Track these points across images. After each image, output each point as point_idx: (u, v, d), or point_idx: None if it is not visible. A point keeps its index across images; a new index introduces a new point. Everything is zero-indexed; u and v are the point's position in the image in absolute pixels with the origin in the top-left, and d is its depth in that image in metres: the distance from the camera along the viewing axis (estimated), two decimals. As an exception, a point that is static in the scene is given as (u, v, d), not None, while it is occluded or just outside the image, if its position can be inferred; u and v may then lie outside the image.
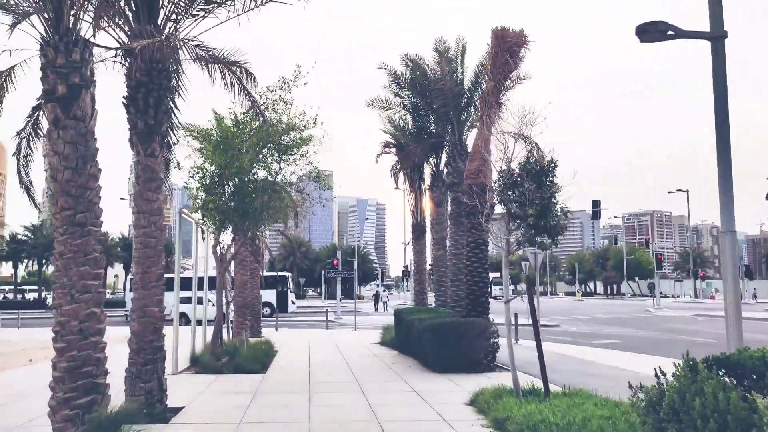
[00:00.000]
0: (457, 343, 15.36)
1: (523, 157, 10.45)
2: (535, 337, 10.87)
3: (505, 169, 10.54)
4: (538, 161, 10.08)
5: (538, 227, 9.95)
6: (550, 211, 9.82)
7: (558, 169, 10.11)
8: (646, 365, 18.30)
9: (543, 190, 9.79)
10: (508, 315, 10.92)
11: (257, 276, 28.39)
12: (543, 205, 9.75)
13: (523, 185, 9.91)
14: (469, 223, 16.57)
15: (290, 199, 17.49)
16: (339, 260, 49.03)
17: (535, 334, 10.84)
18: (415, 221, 24.83)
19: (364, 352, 20.86)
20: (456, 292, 19.10)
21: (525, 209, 9.82)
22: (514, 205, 10.14)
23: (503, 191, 10.24)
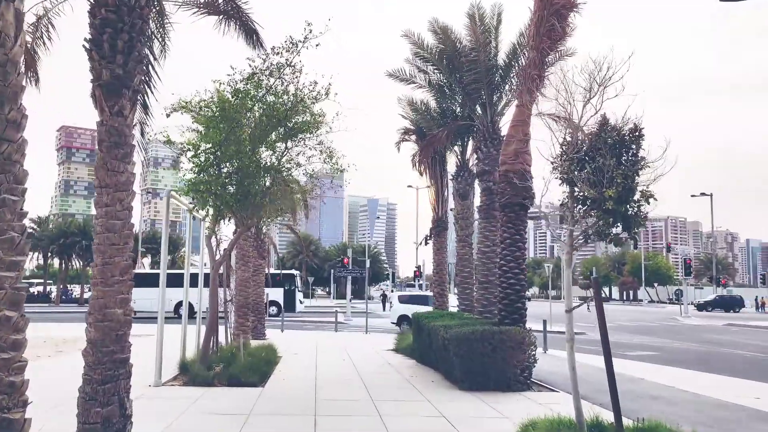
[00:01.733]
0: (490, 356, 13.05)
1: (593, 124, 8.10)
2: (604, 354, 8.52)
3: (570, 140, 8.19)
4: (616, 129, 7.72)
5: (616, 215, 7.60)
6: (633, 193, 7.48)
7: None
8: (705, 384, 15.88)
9: (625, 167, 7.43)
10: (570, 327, 8.59)
11: (262, 273, 26.19)
12: (625, 186, 7.39)
13: (598, 160, 7.54)
14: (505, 216, 14.21)
15: (297, 185, 15.18)
16: (350, 259, 46.83)
17: (605, 352, 8.49)
18: (436, 216, 22.49)
19: (377, 360, 18.56)
20: (484, 296, 16.75)
21: (601, 190, 7.45)
22: (582, 187, 7.78)
23: (568, 168, 7.89)
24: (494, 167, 16.71)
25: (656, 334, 33.59)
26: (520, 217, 14.16)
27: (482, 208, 16.94)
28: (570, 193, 8.17)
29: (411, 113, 22.29)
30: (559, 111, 8.56)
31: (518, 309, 14.09)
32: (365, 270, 37.79)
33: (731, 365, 20.14)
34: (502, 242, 14.29)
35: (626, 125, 7.75)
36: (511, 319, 13.99)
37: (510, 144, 14.25)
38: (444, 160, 22.41)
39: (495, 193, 16.78)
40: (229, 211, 13.12)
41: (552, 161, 8.21)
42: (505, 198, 14.10)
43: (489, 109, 17.04)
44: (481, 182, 17.05)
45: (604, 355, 8.57)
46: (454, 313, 17.89)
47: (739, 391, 14.16)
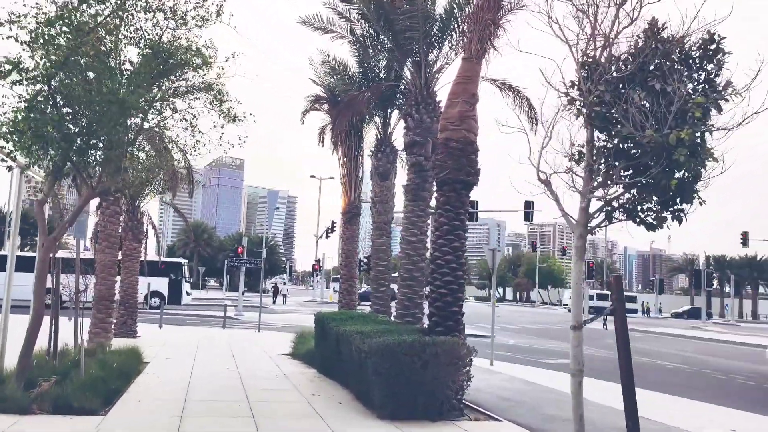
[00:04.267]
0: (420, 374, 10.01)
1: (629, 36, 5.17)
2: (624, 391, 5.64)
3: (596, 56, 5.23)
4: (675, 38, 4.82)
5: (663, 177, 4.71)
6: (704, 145, 4.61)
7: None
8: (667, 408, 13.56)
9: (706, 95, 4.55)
10: (578, 351, 5.67)
11: (136, 259, 21.95)
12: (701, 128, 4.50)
13: (653, 84, 4.60)
14: (443, 196, 11.23)
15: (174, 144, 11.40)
16: (245, 248, 42.76)
17: (625, 387, 5.61)
18: (348, 200, 19.25)
19: (270, 369, 15.11)
20: (407, 295, 13.74)
21: (663, 133, 4.52)
22: (622, 129, 4.83)
23: (599, 97, 4.90)
24: (427, 137, 13.75)
25: (564, 339, 32.00)
26: (462, 197, 11.23)
27: (409, 188, 13.90)
28: (588, 142, 5.21)
29: (325, 77, 18.95)
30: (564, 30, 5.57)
31: (454, 314, 11.15)
32: (261, 261, 33.94)
33: (665, 379, 18.30)
34: (437, 229, 11.30)
35: (690, 35, 4.87)
36: (446, 326, 11.02)
37: (454, 105, 11.27)
38: (360, 134, 19.23)
39: (427, 170, 13.83)
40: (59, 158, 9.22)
41: (566, 91, 5.20)
42: (443, 173, 11.11)
43: (424, 67, 14.00)
44: (409, 156, 14.01)
45: (624, 392, 5.69)
46: (368, 315, 14.76)
47: (713, 418, 11.96)
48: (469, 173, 11.11)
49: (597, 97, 5.03)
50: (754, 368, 22.53)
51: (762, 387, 17.83)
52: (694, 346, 31.47)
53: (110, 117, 9.02)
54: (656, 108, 4.68)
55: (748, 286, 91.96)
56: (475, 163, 11.21)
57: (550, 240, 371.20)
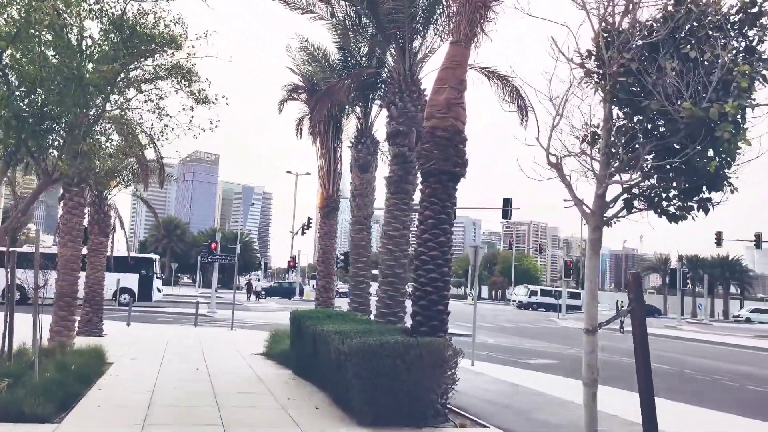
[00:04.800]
0: (403, 378, 9.36)
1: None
2: (642, 401, 5.04)
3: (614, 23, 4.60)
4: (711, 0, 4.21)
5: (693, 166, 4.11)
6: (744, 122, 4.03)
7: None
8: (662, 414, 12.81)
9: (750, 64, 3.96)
10: (591, 357, 5.05)
11: (103, 254, 20.98)
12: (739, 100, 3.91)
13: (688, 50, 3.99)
14: (428, 188, 10.59)
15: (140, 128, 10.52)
16: (218, 244, 41.75)
17: (643, 395, 5.02)
18: (326, 193, 18.50)
19: (243, 371, 14.35)
20: (389, 293, 13.07)
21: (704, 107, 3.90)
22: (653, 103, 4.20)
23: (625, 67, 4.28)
24: (411, 127, 13.10)
25: (543, 338, 31.73)
26: (449, 190, 10.60)
27: (392, 180, 13.22)
28: (606, 120, 4.59)
29: (303, 65, 18.17)
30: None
31: (439, 313, 10.52)
32: (235, 257, 33.02)
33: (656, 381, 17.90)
34: (421, 223, 10.65)
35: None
36: (430, 326, 10.39)
37: (440, 91, 10.63)
38: (339, 125, 18.50)
39: (411, 161, 13.18)
40: (21, 149, 8.39)
41: (581, 62, 4.57)
42: (429, 164, 10.47)
43: (408, 53, 13.32)
44: (392, 146, 13.34)
45: (642, 401, 5.08)
46: (346, 314, 14.07)
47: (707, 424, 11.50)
48: (457, 164, 10.48)
49: (621, 67, 4.41)
50: (735, 369, 22.32)
51: (745, 388, 17.52)
52: (672, 346, 31.31)
53: (68, 96, 8.20)
54: (692, 78, 4.08)
55: (719, 286, 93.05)
56: (463, 153, 10.59)
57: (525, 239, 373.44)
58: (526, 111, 13.58)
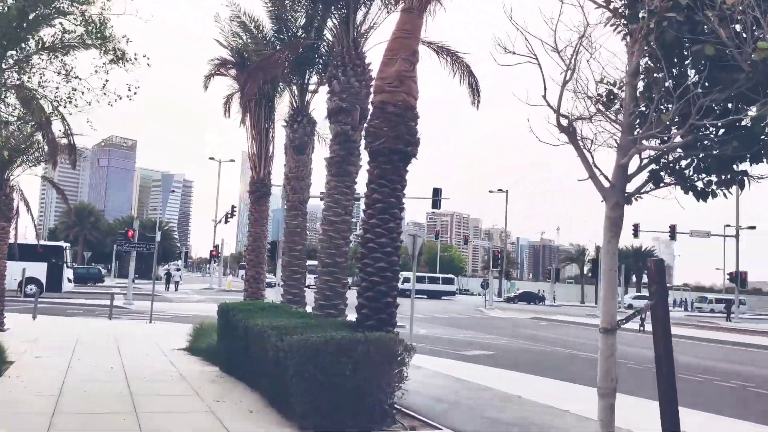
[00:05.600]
0: (349, 377, 8.43)
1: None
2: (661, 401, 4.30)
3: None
4: None
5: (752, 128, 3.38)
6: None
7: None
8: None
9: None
10: (609, 362, 4.28)
11: (4, 241, 18.92)
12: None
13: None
14: (377, 169, 9.67)
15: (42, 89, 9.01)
16: (136, 232, 39.42)
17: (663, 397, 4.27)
18: (256, 176, 17.24)
19: (164, 368, 13.03)
20: (329, 284, 12.06)
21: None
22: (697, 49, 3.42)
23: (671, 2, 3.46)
24: (355, 104, 12.10)
25: (475, 328, 31.54)
26: (399, 171, 9.72)
27: (333, 161, 12.19)
28: (632, 74, 3.79)
29: (233, 37, 16.79)
30: None
31: (388, 306, 9.65)
32: (153, 245, 31.05)
33: (577, 368, 17.73)
34: (369, 207, 9.73)
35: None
36: (378, 320, 9.50)
37: (391, 63, 9.72)
38: (272, 104, 17.25)
39: (354, 141, 12.20)
40: None
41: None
42: (378, 142, 9.54)
43: (352, 23, 12.30)
44: (334, 125, 12.30)
45: (664, 414, 4.34)
46: (281, 307, 12.97)
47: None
48: (409, 143, 9.62)
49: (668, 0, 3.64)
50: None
51: (694, 379, 17.59)
52: (597, 335, 31.76)
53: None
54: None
55: (633, 276, 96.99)
56: (415, 131, 9.74)
57: (448, 230, 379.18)
58: (478, 90, 12.90)
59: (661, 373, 4.30)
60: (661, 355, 4.28)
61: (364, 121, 12.40)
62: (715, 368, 20.02)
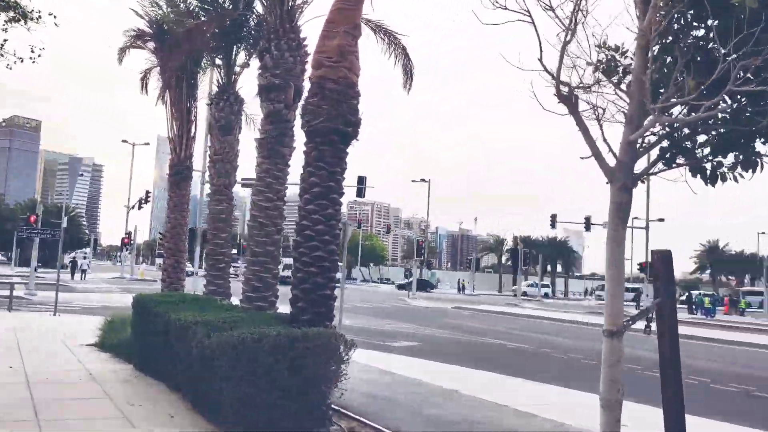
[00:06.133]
0: (286, 377, 7.69)
1: None
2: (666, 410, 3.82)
3: None
4: None
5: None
6: None
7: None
8: (543, 398, 11.39)
9: None
10: (615, 370, 3.72)
11: None
12: None
13: None
14: (315, 151, 8.91)
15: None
16: (39, 217, 36.74)
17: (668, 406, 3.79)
18: (177, 158, 16.01)
19: (71, 367, 11.80)
20: (258, 275, 11.17)
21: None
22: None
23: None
24: (289, 81, 11.23)
25: (400, 318, 31.24)
26: (339, 153, 9.01)
27: (265, 142, 11.29)
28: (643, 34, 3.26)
29: (152, 6, 15.45)
30: None
31: (326, 299, 8.95)
32: (59, 232, 28.85)
33: (516, 361, 17.67)
34: (305, 191, 8.98)
35: None
36: (315, 314, 8.79)
37: (332, 36, 8.96)
38: (194, 81, 16.04)
39: (288, 120, 11.35)
40: None
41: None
42: (317, 121, 8.78)
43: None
44: (266, 102, 11.38)
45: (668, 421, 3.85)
46: (205, 299, 12.00)
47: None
48: (350, 123, 8.91)
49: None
50: (583, 346, 22.99)
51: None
52: (521, 324, 32.24)
53: None
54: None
55: (548, 265, 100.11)
56: (357, 111, 9.04)
57: (369, 219, 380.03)
58: (411, 73, 12.32)
59: (667, 377, 3.84)
60: (667, 358, 3.81)
61: (298, 99, 11.59)
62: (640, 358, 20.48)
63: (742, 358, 22.01)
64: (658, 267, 4.09)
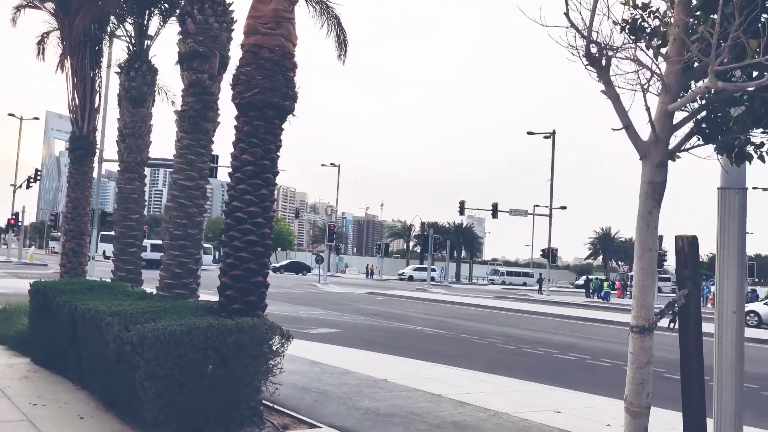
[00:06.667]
0: (218, 373, 7.01)
1: None
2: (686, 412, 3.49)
3: None
4: None
5: None
6: None
7: None
8: (484, 386, 11.46)
9: None
10: (644, 371, 3.33)
11: None
12: None
13: None
14: (247, 126, 8.17)
15: None
16: None
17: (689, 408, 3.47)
18: (78, 132, 14.55)
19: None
20: (179, 260, 10.24)
21: None
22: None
23: None
24: (214, 49, 10.31)
25: (314, 305, 30.62)
26: (274, 129, 8.31)
27: (187, 115, 10.31)
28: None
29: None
30: None
31: (258, 285, 8.27)
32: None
33: (436, 348, 17.56)
34: (237, 170, 8.23)
35: None
36: (246, 303, 8.09)
37: (267, 0, 8.21)
38: (99, 47, 14.60)
39: (212, 93, 10.46)
40: None
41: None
42: (251, 92, 8.04)
43: (213, -47, 10.41)
44: (188, 72, 10.37)
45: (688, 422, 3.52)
46: (114, 286, 10.91)
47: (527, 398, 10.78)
48: (287, 96, 8.21)
49: None
50: (500, 330, 23.34)
51: (522, 351, 18.04)
52: (436, 309, 32.43)
53: None
54: None
55: (454, 250, 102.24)
56: (294, 83, 8.36)
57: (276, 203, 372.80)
58: (345, 44, 11.69)
59: (689, 374, 3.51)
60: (690, 353, 3.48)
61: (224, 70, 10.72)
62: (551, 341, 20.94)
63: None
64: (686, 253, 3.74)
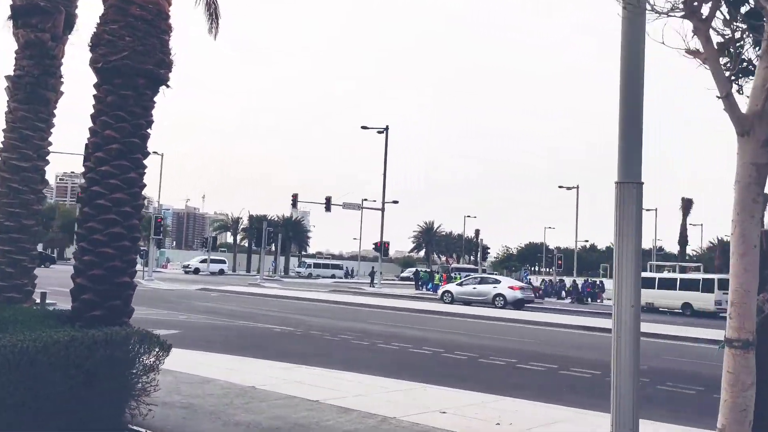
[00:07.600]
0: (79, 395, 5.73)
1: None
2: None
3: None
4: None
5: None
6: None
7: None
8: (357, 388, 11.29)
9: None
10: (746, 397, 2.87)
11: None
12: None
13: None
14: (113, 96, 6.84)
15: None
16: None
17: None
18: None
19: None
20: (12, 256, 8.20)
21: None
22: None
23: None
24: (58, 4, 8.57)
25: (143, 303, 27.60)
26: (145, 100, 7.06)
27: (22, 81, 8.42)
28: None
29: None
30: None
31: (123, 287, 7.00)
32: None
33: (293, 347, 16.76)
34: (99, 148, 6.86)
35: None
36: (109, 308, 6.81)
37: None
38: None
39: (55, 56, 8.75)
40: None
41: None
42: (118, 56, 6.74)
43: None
44: (23, 29, 8.45)
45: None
46: None
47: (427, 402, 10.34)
48: (162, 63, 6.99)
49: None
50: (349, 326, 23.02)
51: (378, 347, 17.80)
52: (276, 305, 31.41)
53: None
54: None
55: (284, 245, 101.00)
56: (169, 49, 7.16)
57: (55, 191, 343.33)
58: (217, 15, 10.43)
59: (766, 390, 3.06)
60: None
61: (69, 31, 9.03)
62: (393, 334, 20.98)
63: (495, 331, 23.95)
64: (764, 250, 3.26)
